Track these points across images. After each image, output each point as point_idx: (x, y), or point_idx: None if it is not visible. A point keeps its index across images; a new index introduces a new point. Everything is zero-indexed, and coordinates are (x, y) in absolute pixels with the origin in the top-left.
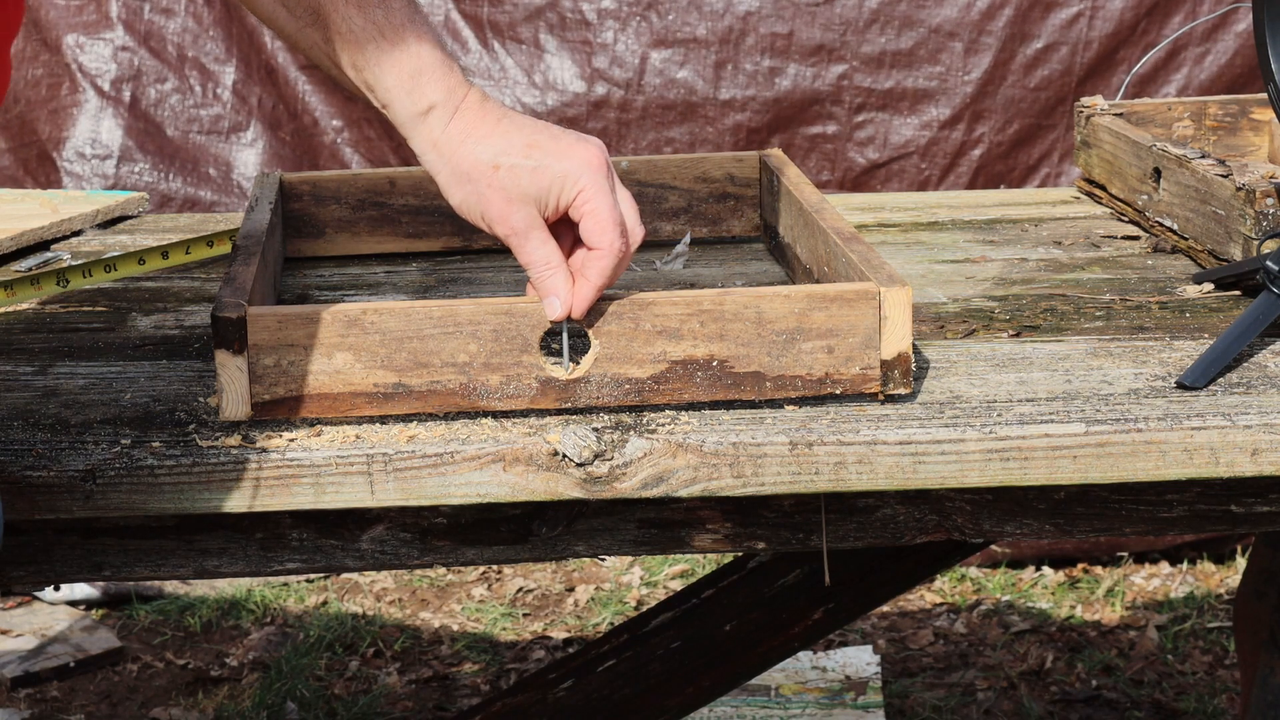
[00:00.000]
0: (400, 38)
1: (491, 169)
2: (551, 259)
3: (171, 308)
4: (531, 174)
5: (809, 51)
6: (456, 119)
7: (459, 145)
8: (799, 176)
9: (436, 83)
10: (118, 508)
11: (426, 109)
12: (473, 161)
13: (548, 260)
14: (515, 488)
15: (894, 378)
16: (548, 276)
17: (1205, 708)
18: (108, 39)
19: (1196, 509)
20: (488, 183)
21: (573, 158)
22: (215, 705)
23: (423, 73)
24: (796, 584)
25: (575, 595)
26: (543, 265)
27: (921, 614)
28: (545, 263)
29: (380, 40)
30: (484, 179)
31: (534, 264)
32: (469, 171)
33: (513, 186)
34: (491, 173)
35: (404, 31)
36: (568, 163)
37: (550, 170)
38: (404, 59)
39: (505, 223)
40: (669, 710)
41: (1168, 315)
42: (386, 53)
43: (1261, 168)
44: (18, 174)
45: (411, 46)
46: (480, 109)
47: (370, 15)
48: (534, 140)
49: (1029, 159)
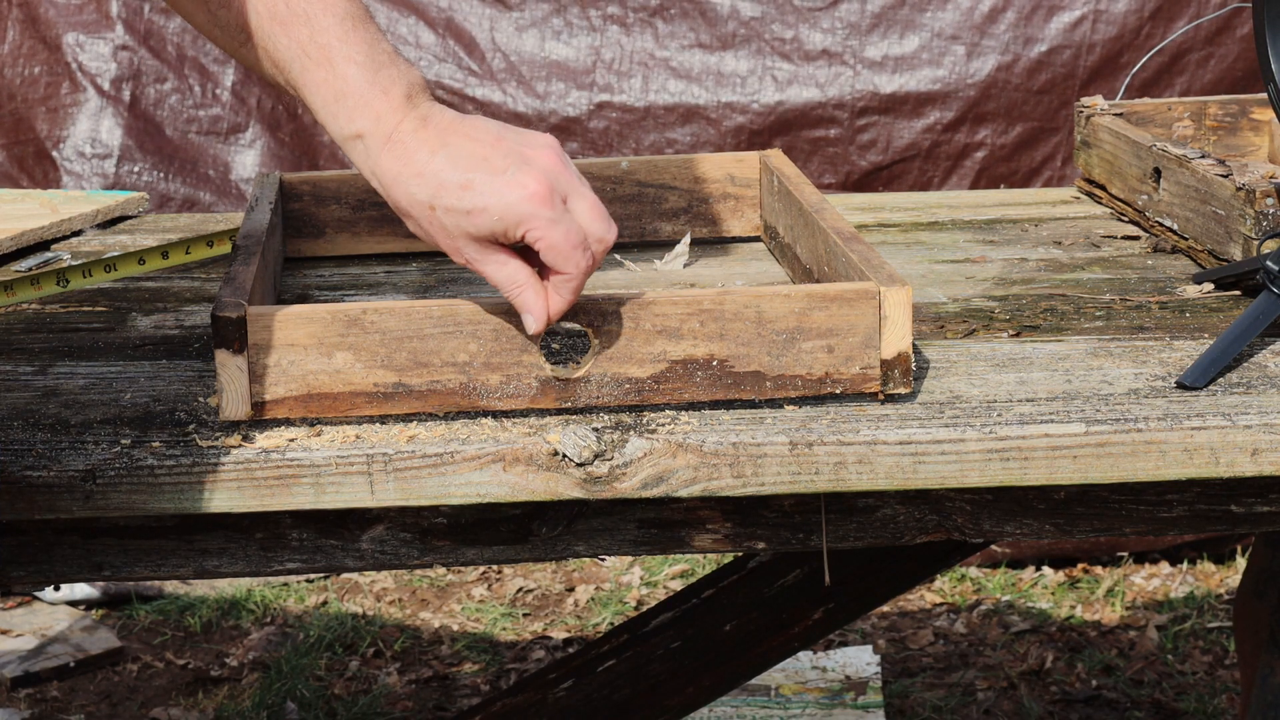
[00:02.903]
0: (324, 58)
1: (429, 209)
2: (516, 277)
3: (171, 308)
4: (468, 217)
5: (812, 55)
6: (388, 151)
7: (392, 180)
8: (799, 176)
9: (363, 109)
10: (118, 508)
11: (355, 135)
12: (409, 201)
13: (512, 279)
14: (515, 488)
15: (894, 377)
16: (516, 295)
17: (1205, 708)
18: (108, 38)
19: (1196, 509)
20: (428, 221)
21: (511, 193)
22: (215, 705)
23: (346, 96)
24: (796, 584)
25: (575, 595)
26: (509, 285)
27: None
28: (511, 282)
29: (305, 60)
30: (424, 218)
31: (500, 286)
32: (408, 209)
33: (454, 228)
34: (429, 213)
35: (328, 52)
36: (508, 199)
37: (489, 213)
38: (327, 81)
39: (457, 255)
40: (669, 710)
41: (1168, 315)
42: (310, 73)
43: (1261, 168)
44: (13, 171)
45: (337, 68)
46: (415, 137)
47: (293, 34)
48: (468, 179)
49: (1031, 162)
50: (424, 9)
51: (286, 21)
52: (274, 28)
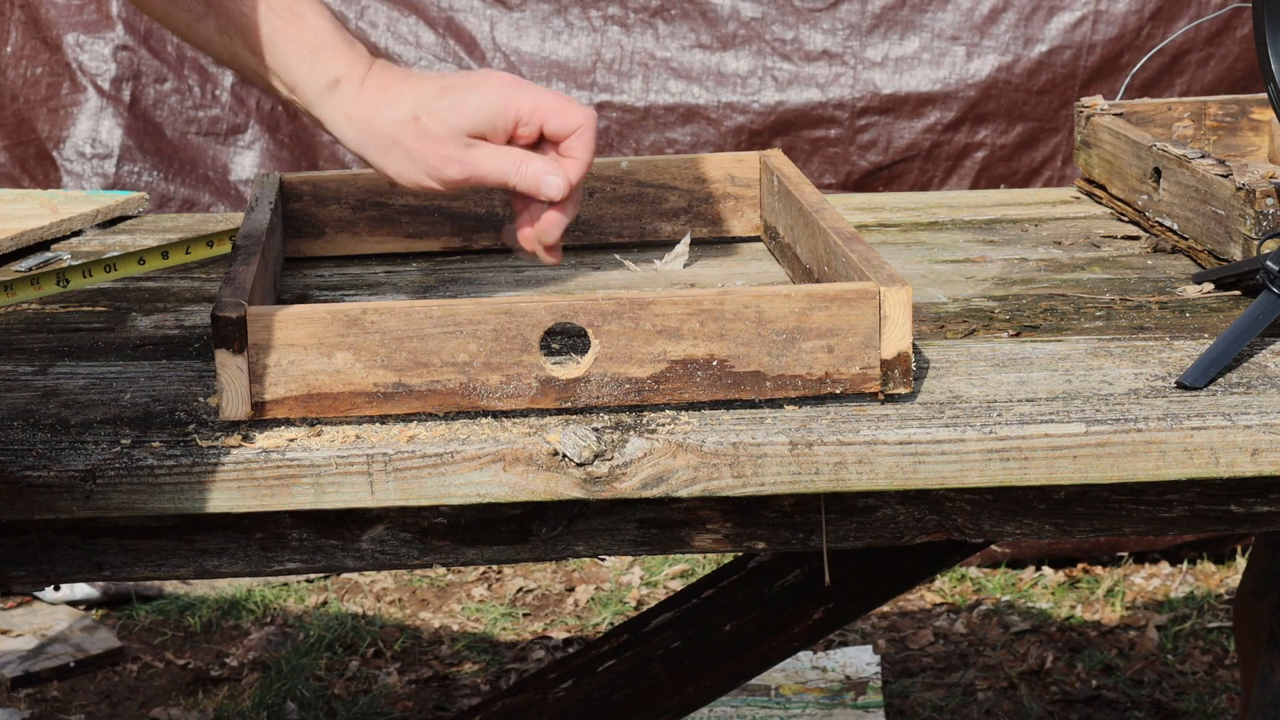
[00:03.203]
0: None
1: (413, 121)
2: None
3: (171, 308)
4: (453, 110)
5: (812, 55)
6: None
7: (373, 112)
8: (799, 176)
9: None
10: (118, 508)
11: (332, 82)
12: (392, 123)
13: (516, 159)
14: (515, 488)
15: (894, 377)
16: (527, 169)
17: (1205, 708)
18: (108, 38)
19: (1196, 509)
20: (414, 137)
21: (489, 84)
22: (215, 705)
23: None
24: (796, 584)
25: (575, 595)
26: (514, 165)
27: (921, 614)
28: (515, 161)
29: (274, 19)
30: (409, 135)
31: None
32: (391, 133)
33: (439, 129)
34: (414, 125)
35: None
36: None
37: (471, 102)
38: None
39: (451, 162)
40: (669, 710)
41: (1168, 315)
42: (282, 30)
43: (1261, 168)
44: (14, 172)
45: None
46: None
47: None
48: (445, 84)
49: (1032, 162)
50: (424, 9)
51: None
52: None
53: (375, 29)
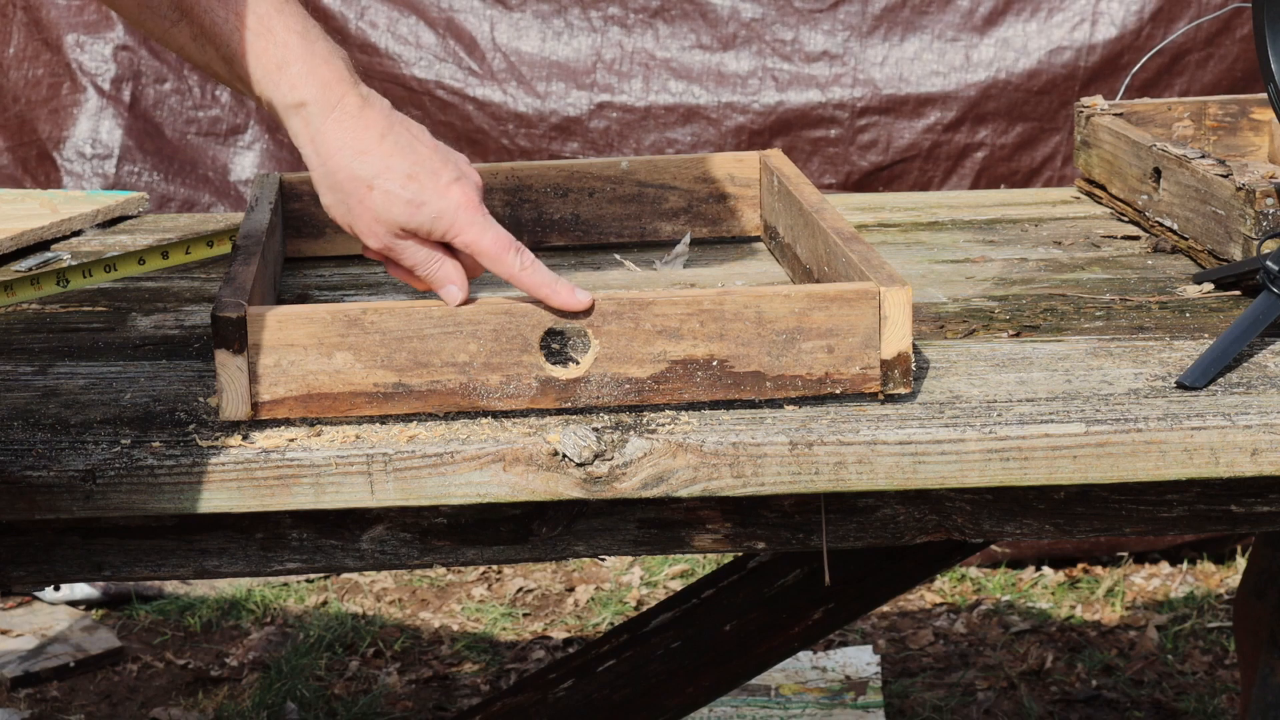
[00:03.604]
0: (264, 27)
1: (366, 188)
2: (433, 256)
3: (171, 308)
4: (406, 207)
5: (812, 56)
6: (333, 121)
7: (335, 153)
8: (799, 176)
9: (307, 76)
10: (118, 508)
11: (298, 104)
12: (348, 175)
13: (429, 259)
14: (515, 488)
15: (894, 377)
16: (435, 271)
17: (1205, 708)
18: (108, 38)
19: (1196, 509)
20: (359, 199)
21: (449, 199)
22: (215, 705)
23: (289, 64)
24: (796, 584)
25: (575, 595)
26: (426, 264)
27: (921, 614)
28: (428, 261)
29: (243, 30)
30: (357, 195)
31: (420, 264)
32: (343, 184)
33: (385, 212)
34: (366, 192)
35: (268, 21)
36: (444, 204)
37: (426, 210)
38: (268, 49)
39: (373, 240)
40: (669, 710)
41: (1168, 315)
42: (250, 43)
43: (1261, 168)
44: (17, 173)
45: (278, 36)
46: (359, 116)
47: (232, 6)
48: (414, 171)
49: (1032, 162)
50: (424, 9)
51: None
52: (210, 2)
53: (376, 29)
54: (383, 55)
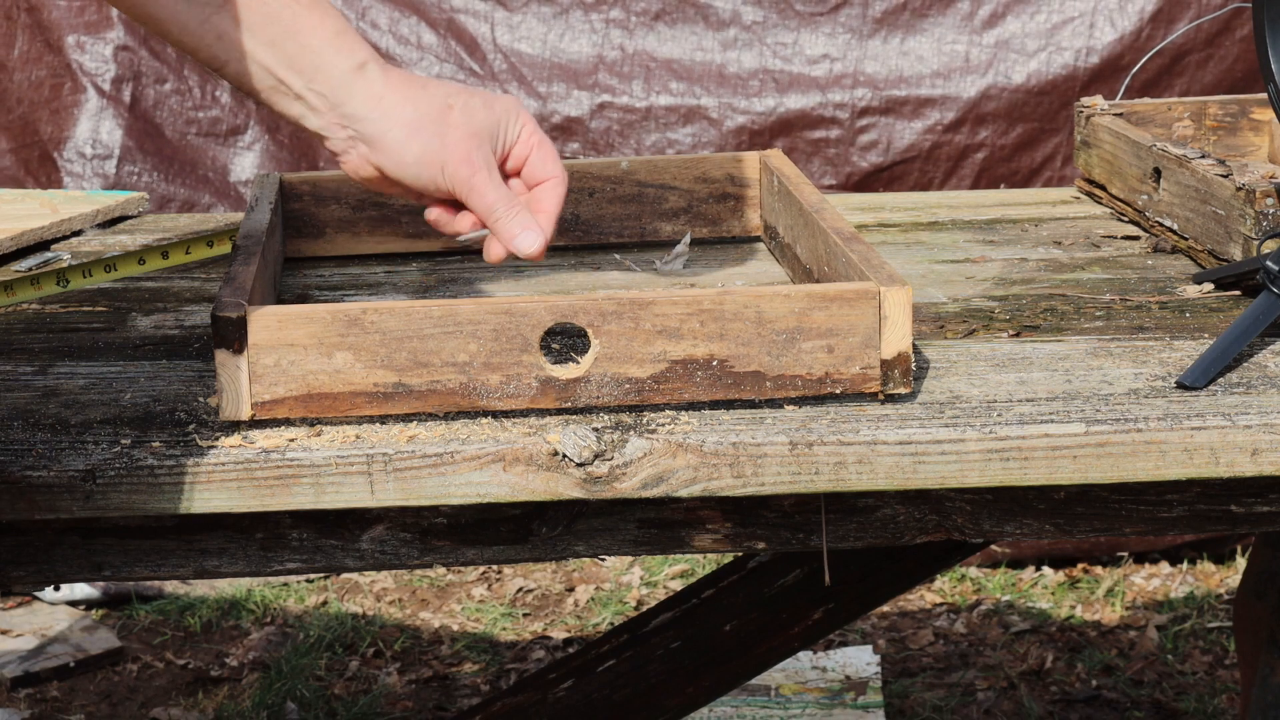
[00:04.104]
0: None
1: (447, 108)
2: (511, 196)
3: (171, 308)
4: (485, 108)
5: (813, 57)
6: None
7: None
8: (799, 176)
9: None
10: (118, 508)
11: (360, 64)
12: (427, 105)
13: (509, 199)
14: (515, 488)
15: (894, 377)
16: (515, 214)
17: (1205, 708)
18: (108, 38)
19: (1196, 509)
20: (447, 123)
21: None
22: (215, 705)
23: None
24: (796, 584)
25: (575, 595)
26: (506, 204)
27: (921, 614)
28: (508, 201)
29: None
30: (443, 120)
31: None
32: (426, 116)
33: (469, 122)
34: (448, 111)
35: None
36: (505, 100)
37: (498, 105)
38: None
39: (469, 161)
40: (669, 710)
41: (1168, 315)
42: (304, 17)
43: (1261, 168)
44: (19, 174)
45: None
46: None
47: None
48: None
49: (1032, 163)
50: (425, 10)
51: None
52: None
53: (377, 29)
54: (384, 55)
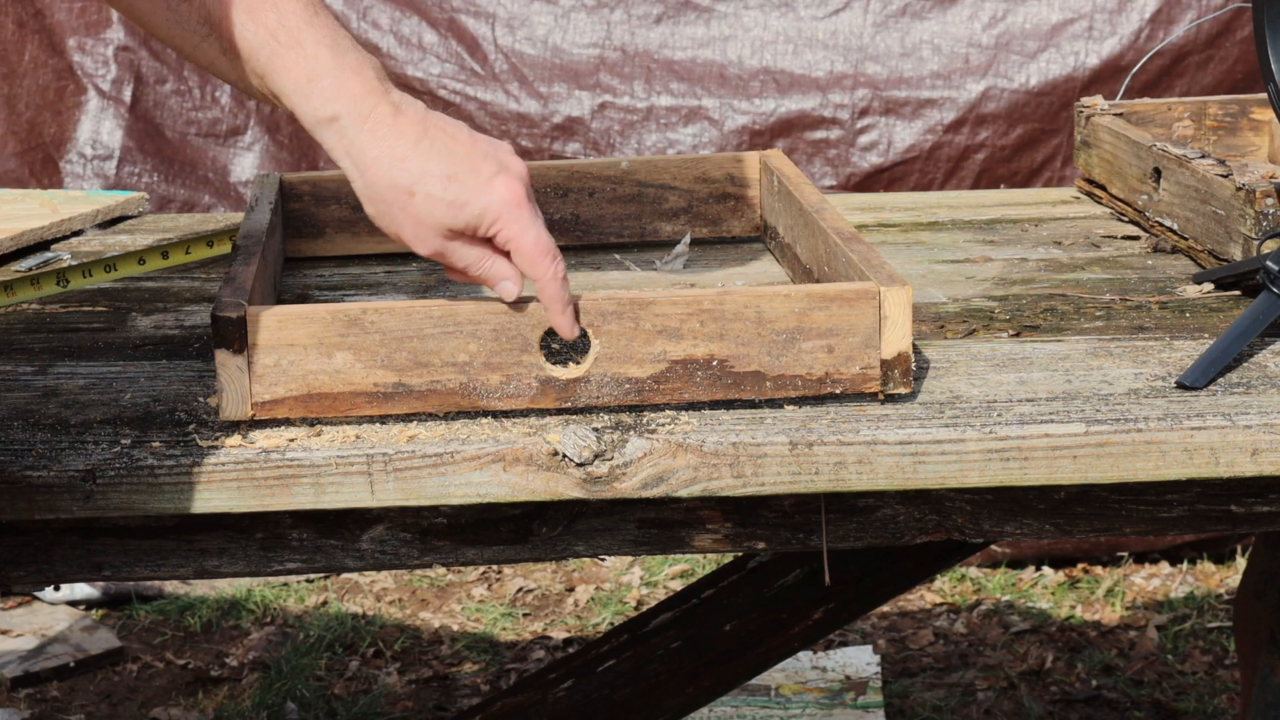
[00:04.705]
0: (294, 41)
1: (407, 195)
2: (483, 255)
3: (171, 308)
4: (449, 209)
5: (815, 58)
6: (367, 133)
7: (373, 164)
8: (799, 176)
9: (337, 90)
10: (118, 508)
11: (329, 118)
12: (388, 184)
13: (480, 258)
14: (515, 488)
15: (894, 377)
16: (488, 269)
17: (1205, 708)
18: (108, 39)
19: (1196, 509)
20: (401, 207)
21: (493, 194)
22: (215, 705)
23: (320, 77)
24: (796, 584)
25: (575, 595)
26: (478, 264)
27: (921, 614)
28: (479, 260)
29: (274, 44)
30: (398, 204)
31: (472, 263)
32: (385, 194)
33: (428, 216)
34: (408, 199)
35: (298, 35)
36: (487, 199)
37: (469, 209)
38: (298, 63)
39: (421, 245)
40: (669, 710)
41: (1168, 315)
42: (280, 57)
43: (1261, 168)
44: (23, 176)
45: (308, 50)
46: (393, 124)
47: (261, 19)
48: (453, 171)
49: (1032, 164)
50: (427, 10)
51: (254, 8)
52: (240, 15)
53: (378, 29)
54: (385, 55)
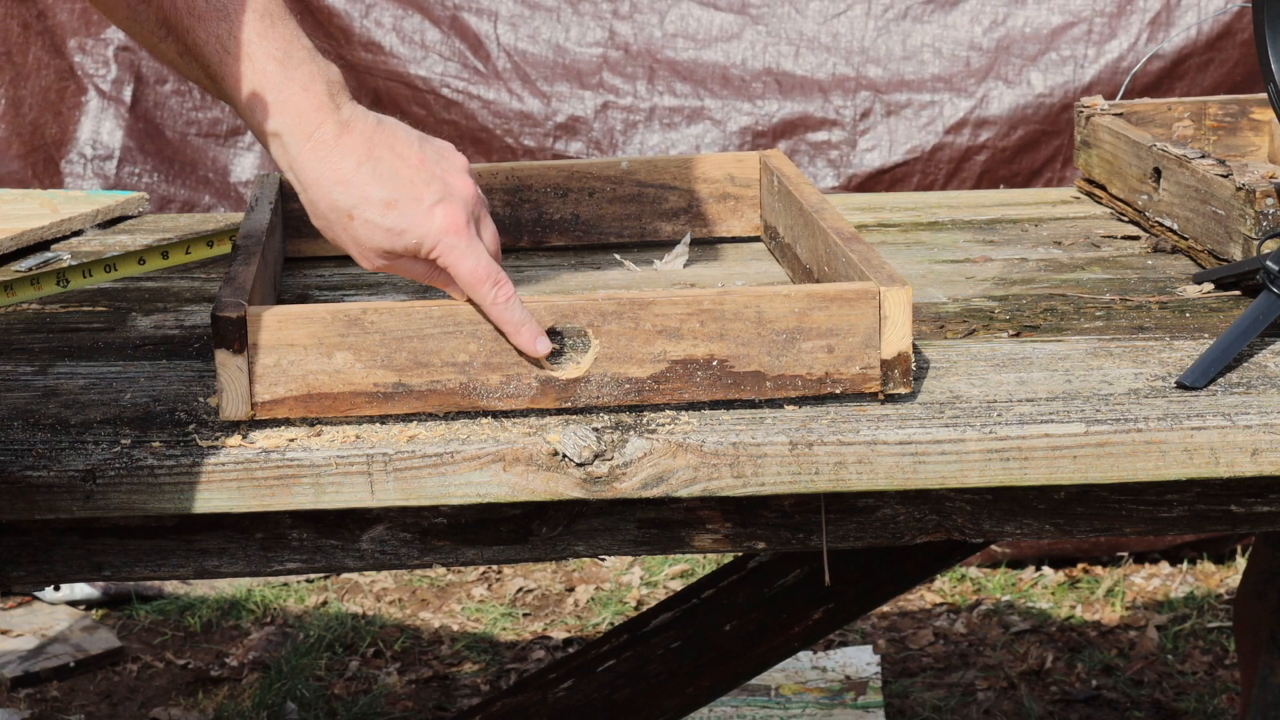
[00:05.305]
0: (244, 53)
1: (347, 218)
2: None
3: (171, 308)
4: (386, 235)
5: (816, 59)
6: (308, 151)
7: (313, 183)
8: (799, 176)
9: (280, 106)
10: (118, 508)
11: (271, 133)
12: (328, 205)
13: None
14: (515, 488)
15: (894, 377)
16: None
17: (1205, 708)
18: (108, 39)
19: (1196, 509)
20: (343, 227)
21: (431, 223)
22: (215, 705)
23: (264, 91)
24: (796, 584)
25: (575, 595)
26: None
27: (921, 614)
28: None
29: (223, 55)
30: (340, 224)
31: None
32: (325, 213)
33: (367, 240)
34: (347, 221)
35: (249, 46)
36: (425, 228)
37: (407, 237)
38: (246, 75)
39: (365, 263)
40: (669, 710)
41: (1168, 315)
42: (229, 68)
43: (1261, 168)
44: (25, 177)
45: (256, 62)
46: (335, 144)
47: (212, 29)
48: (393, 198)
49: (1033, 165)
50: (429, 8)
51: (205, 16)
52: (192, 22)
53: (381, 27)
54: (388, 54)
